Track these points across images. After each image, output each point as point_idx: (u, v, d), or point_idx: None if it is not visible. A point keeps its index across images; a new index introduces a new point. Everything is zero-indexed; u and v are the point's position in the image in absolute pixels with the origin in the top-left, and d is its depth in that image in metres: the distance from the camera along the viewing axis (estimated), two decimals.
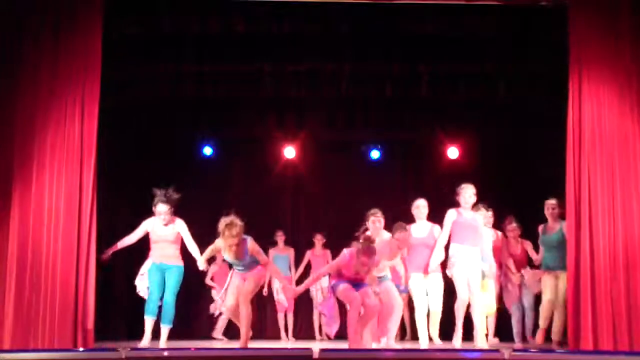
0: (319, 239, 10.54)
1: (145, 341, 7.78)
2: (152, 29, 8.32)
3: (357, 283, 7.17)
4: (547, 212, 8.45)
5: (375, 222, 7.80)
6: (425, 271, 7.93)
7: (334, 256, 9.46)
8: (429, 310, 8.09)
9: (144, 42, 8.71)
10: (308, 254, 10.67)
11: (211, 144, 11.33)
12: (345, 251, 7.14)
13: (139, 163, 11.05)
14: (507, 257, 9.01)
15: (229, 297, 7.34)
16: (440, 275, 8.04)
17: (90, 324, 7.22)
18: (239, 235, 7.04)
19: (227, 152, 11.50)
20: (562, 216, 8.07)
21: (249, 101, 10.18)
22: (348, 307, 7.24)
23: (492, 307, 8.52)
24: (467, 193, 7.94)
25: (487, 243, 8.38)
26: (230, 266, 7.54)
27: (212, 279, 10.52)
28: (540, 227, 8.56)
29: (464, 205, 7.94)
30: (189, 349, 6.81)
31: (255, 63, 9.05)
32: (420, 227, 8.10)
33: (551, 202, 8.41)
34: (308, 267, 10.66)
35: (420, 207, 8.14)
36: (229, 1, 8.01)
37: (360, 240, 7.13)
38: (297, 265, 10.72)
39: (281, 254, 10.60)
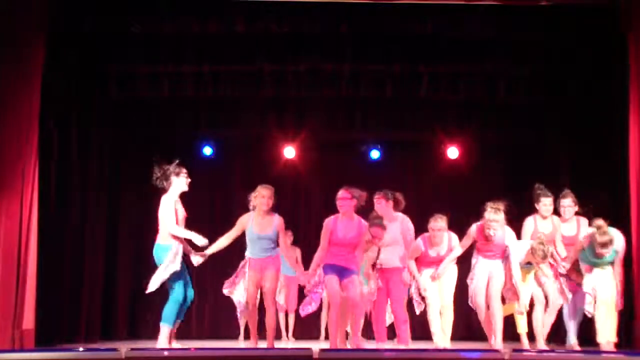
0: None
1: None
2: (152, 29, 8.32)
3: (344, 269, 7.12)
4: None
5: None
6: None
7: None
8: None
9: (144, 42, 8.71)
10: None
11: (211, 144, 11.33)
12: (328, 218, 7.27)
13: (139, 163, 11.07)
14: (559, 238, 7.76)
15: (240, 291, 7.31)
16: (454, 268, 7.75)
17: (28, 324, 7.28)
18: (272, 197, 7.23)
19: (227, 152, 11.50)
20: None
21: (249, 101, 10.18)
22: None
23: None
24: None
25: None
26: None
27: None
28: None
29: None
30: (189, 349, 6.80)
31: (255, 63, 9.05)
32: (438, 248, 7.74)
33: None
34: None
35: (436, 230, 7.67)
36: (229, 1, 8.01)
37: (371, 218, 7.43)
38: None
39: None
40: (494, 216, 7.40)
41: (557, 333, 8.14)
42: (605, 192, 8.52)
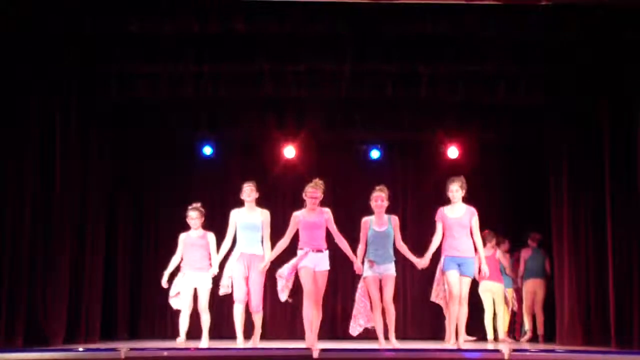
0: None
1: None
2: (152, 28, 8.31)
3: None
4: None
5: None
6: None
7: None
8: None
9: (144, 42, 8.71)
10: None
11: (211, 144, 11.34)
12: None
13: (139, 163, 11.08)
14: None
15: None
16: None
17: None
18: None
19: (227, 152, 11.50)
20: None
21: (249, 101, 10.18)
22: None
23: None
24: None
25: None
26: None
27: None
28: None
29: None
30: (189, 349, 6.82)
31: (255, 63, 9.04)
32: None
33: None
34: None
35: None
36: (229, 1, 8.00)
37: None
38: None
39: None
40: None
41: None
42: (604, 193, 8.53)
